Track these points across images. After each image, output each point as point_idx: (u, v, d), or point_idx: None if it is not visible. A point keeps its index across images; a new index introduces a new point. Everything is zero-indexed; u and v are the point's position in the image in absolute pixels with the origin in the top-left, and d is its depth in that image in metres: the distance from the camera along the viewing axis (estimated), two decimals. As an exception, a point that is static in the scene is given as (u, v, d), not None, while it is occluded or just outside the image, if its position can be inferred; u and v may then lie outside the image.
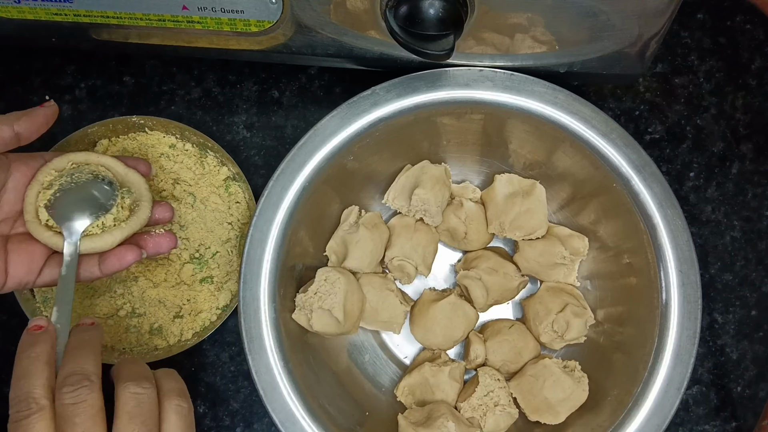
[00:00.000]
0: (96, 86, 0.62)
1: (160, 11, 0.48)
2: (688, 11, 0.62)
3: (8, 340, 0.58)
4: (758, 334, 0.59)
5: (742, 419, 0.58)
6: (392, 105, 0.52)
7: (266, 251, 0.50)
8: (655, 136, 0.61)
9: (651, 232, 0.51)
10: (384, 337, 0.59)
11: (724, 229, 0.60)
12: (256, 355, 0.49)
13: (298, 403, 0.49)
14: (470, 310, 0.55)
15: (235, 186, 0.58)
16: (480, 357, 0.55)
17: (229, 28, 0.49)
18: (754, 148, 0.61)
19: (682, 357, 0.49)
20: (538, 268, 0.56)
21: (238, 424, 0.58)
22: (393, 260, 0.55)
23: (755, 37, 0.62)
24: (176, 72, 0.62)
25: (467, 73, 0.52)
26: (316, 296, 0.51)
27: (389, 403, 0.56)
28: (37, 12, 0.50)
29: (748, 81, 0.62)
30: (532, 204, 0.55)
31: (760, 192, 0.61)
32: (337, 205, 0.56)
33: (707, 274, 0.60)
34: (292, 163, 0.51)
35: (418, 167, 0.56)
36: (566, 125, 0.52)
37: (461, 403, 0.53)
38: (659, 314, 0.50)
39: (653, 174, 0.51)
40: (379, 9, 0.46)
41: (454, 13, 0.44)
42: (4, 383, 0.59)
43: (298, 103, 0.61)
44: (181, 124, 0.56)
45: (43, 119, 0.47)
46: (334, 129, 0.51)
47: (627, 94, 0.62)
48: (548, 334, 0.55)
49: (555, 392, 0.52)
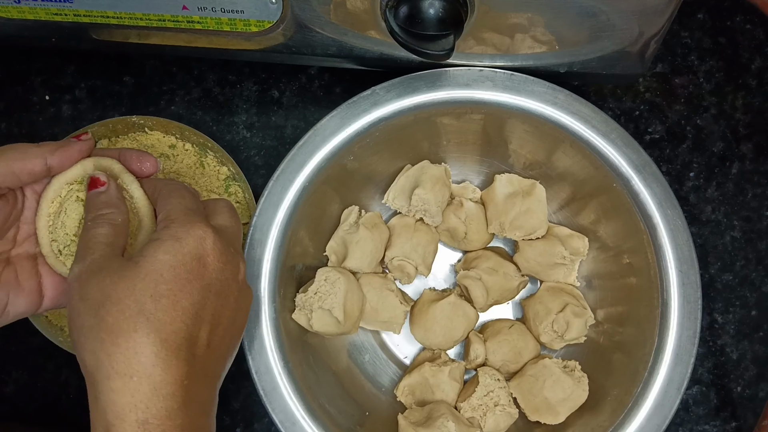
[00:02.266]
0: (96, 86, 0.62)
1: (160, 11, 0.48)
2: (688, 11, 0.62)
3: (8, 340, 0.58)
4: (758, 334, 0.59)
5: (742, 419, 0.58)
6: (392, 105, 0.52)
7: (266, 251, 0.50)
8: (655, 136, 0.61)
9: (651, 232, 0.51)
10: (384, 337, 0.59)
11: (724, 229, 0.60)
12: (256, 355, 0.49)
13: (298, 403, 0.49)
14: (470, 310, 0.55)
15: (235, 186, 0.58)
16: (480, 357, 0.55)
17: (229, 28, 0.49)
18: (754, 148, 0.61)
19: (682, 357, 0.49)
20: (538, 268, 0.56)
21: (238, 424, 0.58)
22: (393, 260, 0.55)
23: (755, 37, 0.62)
24: (176, 72, 0.62)
25: (467, 73, 0.52)
26: (316, 296, 0.51)
27: (389, 403, 0.56)
28: (37, 12, 0.50)
29: (748, 81, 0.62)
30: (532, 204, 0.55)
31: (760, 192, 0.61)
32: (337, 205, 0.56)
33: (707, 274, 0.60)
34: (292, 163, 0.51)
35: (418, 167, 0.56)
36: (566, 125, 0.52)
37: (461, 403, 0.53)
38: (659, 314, 0.50)
39: (653, 174, 0.51)
40: (379, 9, 0.46)
41: (454, 13, 0.44)
42: (4, 383, 0.59)
43: (298, 103, 0.61)
44: (181, 124, 0.56)
45: (78, 154, 0.44)
46: (334, 129, 0.51)
47: (627, 94, 0.62)
48: (548, 334, 0.55)
49: (555, 392, 0.52)
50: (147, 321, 0.36)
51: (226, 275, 0.40)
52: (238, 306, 0.42)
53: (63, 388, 0.59)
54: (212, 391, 0.41)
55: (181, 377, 0.37)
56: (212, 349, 0.39)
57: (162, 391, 0.36)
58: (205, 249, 0.39)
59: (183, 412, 0.37)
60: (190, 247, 0.39)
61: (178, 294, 0.37)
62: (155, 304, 0.37)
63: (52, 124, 0.61)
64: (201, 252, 0.39)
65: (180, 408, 0.37)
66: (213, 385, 0.41)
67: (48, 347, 0.54)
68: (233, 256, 0.41)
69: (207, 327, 0.39)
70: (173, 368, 0.37)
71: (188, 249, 0.38)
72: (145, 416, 0.36)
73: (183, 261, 0.38)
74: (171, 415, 0.36)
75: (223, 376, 0.42)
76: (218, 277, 0.40)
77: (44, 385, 0.59)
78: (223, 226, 0.42)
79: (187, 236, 0.39)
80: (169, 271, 0.38)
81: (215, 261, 0.39)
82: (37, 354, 0.58)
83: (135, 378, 0.36)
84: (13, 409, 0.58)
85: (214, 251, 0.39)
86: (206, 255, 0.39)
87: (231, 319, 0.41)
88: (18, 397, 0.58)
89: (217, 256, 0.39)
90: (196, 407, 0.38)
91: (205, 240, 0.39)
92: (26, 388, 0.59)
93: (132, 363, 0.36)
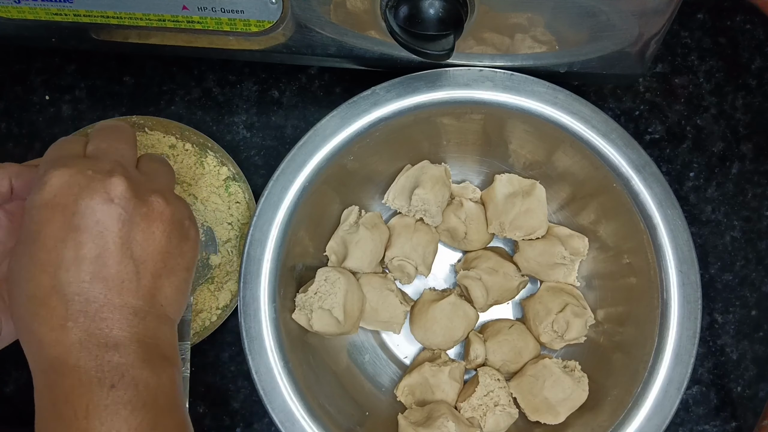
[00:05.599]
0: (96, 86, 0.62)
1: (160, 11, 0.48)
2: (688, 11, 0.62)
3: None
4: (758, 334, 0.59)
5: (742, 419, 0.58)
6: (392, 105, 0.52)
7: (266, 251, 0.50)
8: (655, 136, 0.61)
9: (651, 232, 0.51)
10: (384, 337, 0.59)
11: (724, 229, 0.60)
12: (256, 355, 0.49)
13: (298, 403, 0.49)
14: (470, 310, 0.55)
15: (235, 186, 0.58)
16: (480, 357, 0.55)
17: (229, 28, 0.49)
18: (754, 148, 0.61)
19: (682, 357, 0.49)
20: (538, 268, 0.56)
21: (238, 424, 0.58)
22: (393, 260, 0.55)
23: (755, 37, 0.62)
24: (176, 72, 0.62)
25: (467, 73, 0.52)
26: (316, 296, 0.51)
27: (389, 403, 0.56)
28: (37, 12, 0.50)
29: (748, 81, 0.62)
30: (532, 204, 0.55)
31: (760, 192, 0.61)
32: (337, 205, 0.56)
33: (707, 274, 0.60)
34: (292, 163, 0.51)
35: (418, 167, 0.56)
36: (566, 125, 0.52)
37: (461, 403, 0.53)
38: (659, 314, 0.50)
39: (653, 174, 0.51)
40: (379, 9, 0.46)
41: (454, 13, 0.44)
42: (4, 383, 0.59)
43: (298, 103, 0.61)
44: (181, 124, 0.56)
45: None
46: (334, 129, 0.51)
47: (627, 94, 0.62)
48: (548, 334, 0.55)
49: (555, 392, 0.52)
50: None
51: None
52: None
53: (63, 388, 0.59)
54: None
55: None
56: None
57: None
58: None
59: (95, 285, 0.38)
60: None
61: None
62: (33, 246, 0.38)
63: (52, 124, 0.61)
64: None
65: (92, 280, 0.38)
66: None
67: (48, 347, 0.54)
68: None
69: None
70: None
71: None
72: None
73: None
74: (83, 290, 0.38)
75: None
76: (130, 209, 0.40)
77: (44, 385, 0.59)
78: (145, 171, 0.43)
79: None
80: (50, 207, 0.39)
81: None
82: (37, 354, 0.58)
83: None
84: (13, 409, 0.58)
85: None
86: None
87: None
88: (18, 397, 0.58)
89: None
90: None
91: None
92: (26, 388, 0.59)
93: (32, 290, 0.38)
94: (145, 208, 0.40)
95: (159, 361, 0.39)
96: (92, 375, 0.37)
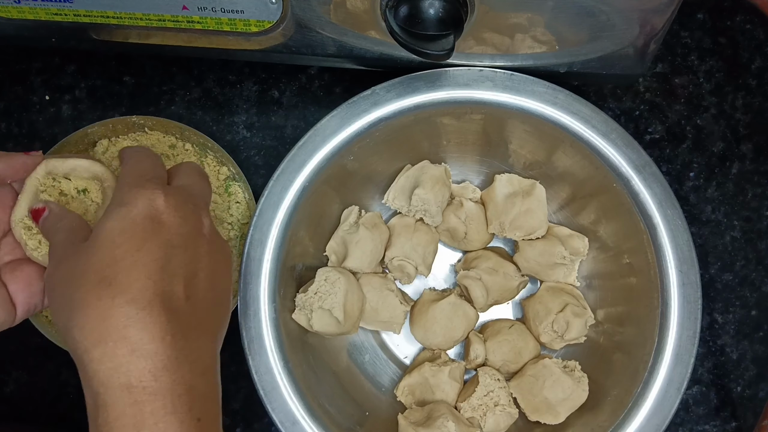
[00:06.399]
0: (96, 86, 0.62)
1: (160, 11, 0.48)
2: (688, 11, 0.62)
3: (8, 340, 0.58)
4: (758, 334, 0.59)
5: (742, 419, 0.58)
6: (392, 105, 0.52)
7: (266, 251, 0.50)
8: (655, 136, 0.61)
9: (651, 232, 0.51)
10: (384, 337, 0.59)
11: (724, 229, 0.60)
12: (256, 355, 0.49)
13: (298, 403, 0.49)
14: (470, 310, 0.55)
15: (235, 186, 0.58)
16: (480, 357, 0.55)
17: (229, 28, 0.49)
18: (754, 148, 0.61)
19: (682, 357, 0.49)
20: (538, 268, 0.56)
21: (238, 424, 0.58)
22: (393, 260, 0.55)
23: (755, 37, 0.62)
24: (176, 72, 0.62)
25: (467, 73, 0.52)
26: (316, 296, 0.51)
27: (389, 403, 0.56)
28: (37, 12, 0.50)
29: (748, 81, 0.62)
30: (532, 204, 0.55)
31: (760, 192, 0.61)
32: (337, 205, 0.56)
33: (707, 274, 0.60)
34: (292, 163, 0.51)
35: (418, 167, 0.56)
36: (566, 125, 0.52)
37: (461, 403, 0.53)
38: (659, 314, 0.50)
39: (653, 174, 0.51)
40: (379, 9, 0.46)
41: (454, 13, 0.44)
42: (4, 383, 0.59)
43: (298, 103, 0.61)
44: (181, 124, 0.56)
45: (21, 166, 0.45)
46: (334, 129, 0.51)
47: (627, 94, 0.62)
48: (548, 334, 0.55)
49: (555, 392, 0.52)
50: (109, 286, 0.36)
51: (187, 229, 0.40)
52: (213, 258, 0.41)
53: (62, 388, 0.59)
54: (208, 347, 0.40)
55: (161, 333, 0.36)
56: (194, 301, 0.39)
57: (141, 350, 0.36)
58: (157, 208, 0.39)
59: (170, 371, 0.36)
60: (139, 208, 0.39)
61: (136, 254, 0.37)
62: (113, 269, 0.37)
63: (52, 124, 0.61)
64: (152, 211, 0.39)
65: (166, 367, 0.36)
66: (208, 341, 0.40)
67: (48, 347, 0.54)
68: (192, 211, 0.41)
69: (180, 280, 0.39)
70: (149, 325, 0.36)
71: (137, 211, 0.39)
72: (127, 379, 0.35)
73: (133, 223, 0.38)
74: (156, 375, 0.36)
75: (220, 333, 0.41)
76: (178, 231, 0.39)
77: (44, 385, 0.59)
78: (183, 185, 0.43)
79: (134, 200, 0.39)
80: (120, 235, 0.38)
81: (171, 217, 0.39)
82: (36, 354, 0.58)
83: (110, 343, 0.35)
84: (13, 409, 0.58)
85: (167, 208, 0.39)
86: (159, 213, 0.39)
87: (209, 271, 0.41)
88: (18, 397, 0.58)
89: (172, 212, 0.40)
90: (187, 365, 0.37)
91: (155, 200, 0.39)
92: (26, 388, 0.59)
93: (103, 329, 0.36)
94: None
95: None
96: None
